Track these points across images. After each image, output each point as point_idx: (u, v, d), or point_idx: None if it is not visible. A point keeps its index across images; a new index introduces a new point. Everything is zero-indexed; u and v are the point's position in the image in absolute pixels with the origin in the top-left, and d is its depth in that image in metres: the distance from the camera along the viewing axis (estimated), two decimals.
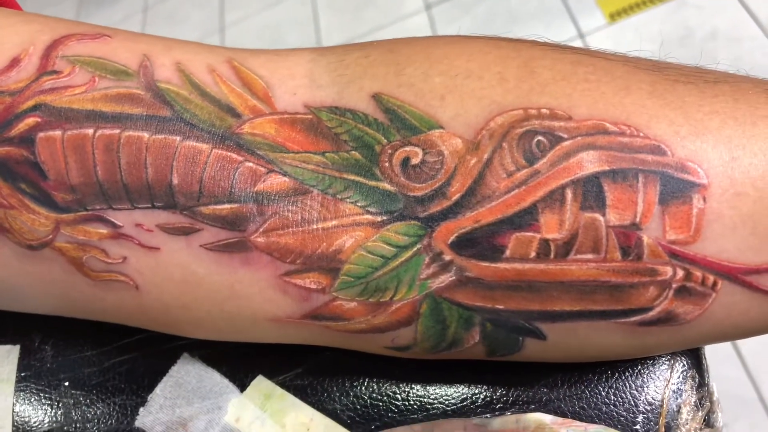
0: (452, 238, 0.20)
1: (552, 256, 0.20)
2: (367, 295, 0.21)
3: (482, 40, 0.23)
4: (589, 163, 0.20)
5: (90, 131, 0.21)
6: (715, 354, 1.04)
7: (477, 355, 0.23)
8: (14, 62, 0.21)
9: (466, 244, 0.20)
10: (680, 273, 0.20)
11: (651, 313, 0.20)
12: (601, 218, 0.20)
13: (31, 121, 0.21)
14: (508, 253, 0.20)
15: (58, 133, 0.21)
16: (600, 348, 0.22)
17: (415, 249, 0.20)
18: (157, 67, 0.22)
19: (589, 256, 0.20)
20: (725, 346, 1.08)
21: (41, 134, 0.21)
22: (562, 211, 0.20)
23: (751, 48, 1.31)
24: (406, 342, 0.22)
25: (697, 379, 0.25)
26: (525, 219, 0.20)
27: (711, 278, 0.20)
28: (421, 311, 0.21)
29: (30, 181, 0.21)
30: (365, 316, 0.21)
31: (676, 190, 0.20)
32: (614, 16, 1.43)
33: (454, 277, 0.20)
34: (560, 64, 0.22)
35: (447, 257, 0.20)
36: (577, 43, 1.45)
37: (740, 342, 1.07)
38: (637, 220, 0.20)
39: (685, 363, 0.25)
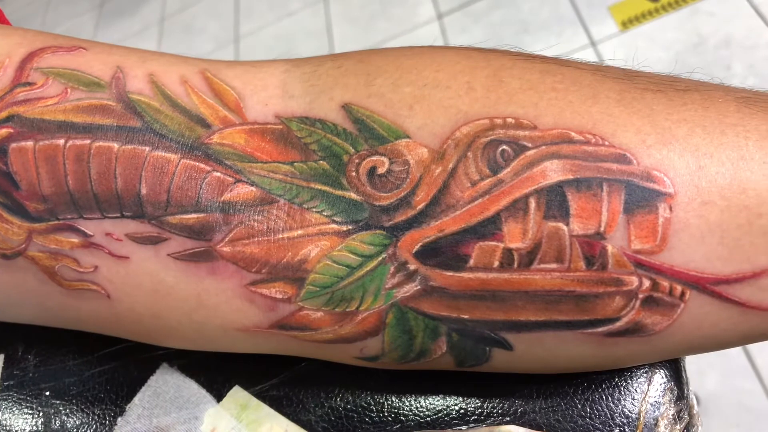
0: (417, 247, 0.20)
1: (515, 265, 0.20)
2: (333, 304, 0.21)
3: (453, 50, 0.23)
4: (553, 172, 0.20)
5: (61, 142, 0.21)
6: (728, 366, 1.02)
7: (446, 366, 0.23)
8: None
9: (430, 254, 0.20)
10: (647, 283, 0.20)
11: (618, 324, 0.20)
12: (565, 227, 0.20)
13: (3, 132, 0.21)
14: (471, 262, 0.20)
15: (30, 143, 0.21)
16: (568, 359, 0.22)
17: (380, 258, 0.20)
18: (129, 78, 0.22)
19: (553, 265, 0.20)
20: (740, 359, 1.06)
21: (14, 145, 0.21)
22: (526, 220, 0.20)
23: (765, 55, 1.30)
24: (375, 352, 0.22)
25: (675, 392, 0.25)
26: (488, 228, 0.20)
27: (679, 288, 0.20)
28: (387, 321, 0.21)
29: (2, 191, 0.21)
30: (332, 326, 0.21)
31: (642, 199, 0.19)
32: (626, 24, 1.42)
33: (419, 287, 0.20)
34: (529, 73, 0.22)
35: (412, 266, 0.20)
36: (590, 52, 1.44)
37: (755, 353, 1.06)
38: (602, 229, 0.19)
39: (664, 375, 0.25)
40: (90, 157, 0.21)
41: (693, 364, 1.10)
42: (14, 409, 0.27)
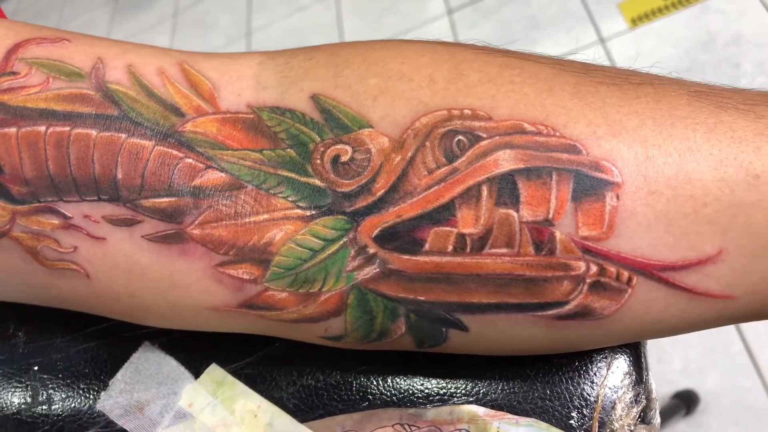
0: (376, 232, 0.21)
1: (468, 250, 0.21)
2: (296, 285, 0.22)
3: (419, 44, 0.24)
4: (505, 161, 0.21)
5: (42, 128, 0.22)
6: (730, 364, 1.02)
7: (407, 346, 0.24)
8: None
9: (388, 238, 0.21)
10: (594, 268, 0.21)
11: (567, 307, 0.21)
12: (515, 214, 0.20)
13: None
14: (427, 246, 0.21)
15: (13, 130, 0.22)
16: (522, 341, 0.23)
17: (341, 242, 0.21)
18: (109, 69, 0.23)
19: (504, 250, 0.21)
20: (742, 357, 1.06)
21: None
22: (478, 207, 0.21)
23: None
24: (338, 332, 0.23)
25: (634, 377, 0.26)
26: (443, 214, 0.21)
27: (626, 274, 0.21)
28: (348, 302, 0.22)
29: None
30: (296, 306, 0.22)
31: (590, 187, 0.20)
32: (636, 21, 1.41)
33: (378, 270, 0.21)
34: (489, 66, 0.23)
35: (371, 250, 0.21)
36: (598, 48, 1.44)
37: (757, 352, 1.06)
38: (550, 216, 0.20)
39: (624, 361, 0.26)
40: (69, 143, 0.22)
41: (694, 362, 1.10)
42: (4, 382, 0.29)
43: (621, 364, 0.26)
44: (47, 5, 2.64)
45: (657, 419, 0.25)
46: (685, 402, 1.04)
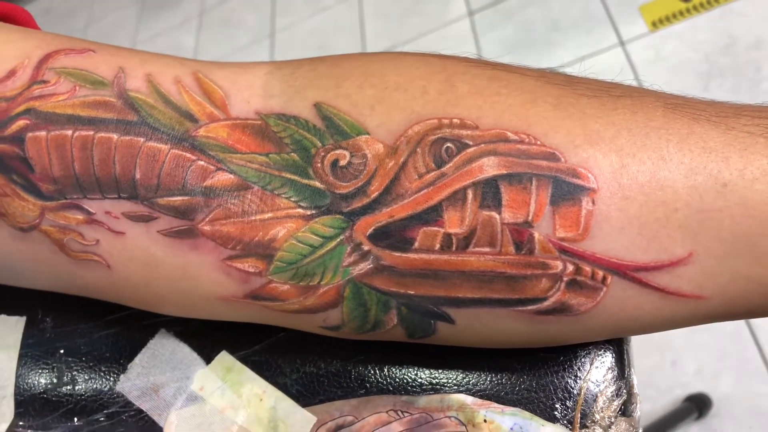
0: (370, 230, 0.23)
1: (454, 248, 0.22)
2: (297, 279, 0.24)
3: (414, 57, 0.26)
4: (489, 167, 0.22)
5: (69, 132, 0.24)
6: (744, 368, 1.02)
7: (400, 337, 0.25)
8: (11, 73, 0.25)
9: (381, 236, 0.23)
10: (570, 267, 0.22)
11: (545, 303, 0.23)
12: (497, 216, 0.22)
13: (22, 123, 0.25)
14: (416, 244, 0.23)
15: (43, 133, 0.24)
16: (505, 333, 0.24)
17: (338, 240, 0.23)
18: (130, 78, 0.25)
19: (486, 249, 0.22)
20: (756, 362, 1.06)
21: (30, 134, 0.25)
22: (464, 209, 0.22)
23: None
24: (336, 322, 0.25)
25: (617, 372, 0.27)
26: (431, 215, 0.23)
27: (600, 273, 0.22)
28: (345, 295, 0.24)
29: (20, 174, 0.25)
30: (297, 298, 0.24)
31: (567, 192, 0.22)
32: (656, 24, 1.41)
33: (371, 265, 0.23)
34: (478, 79, 0.24)
35: (365, 247, 0.23)
36: (618, 51, 1.44)
37: None
38: (530, 218, 0.22)
39: (608, 357, 0.27)
40: (93, 146, 0.24)
41: (708, 366, 1.10)
42: (32, 364, 0.31)
43: (604, 360, 0.27)
44: (78, 3, 2.69)
45: (637, 413, 0.27)
46: (697, 405, 1.04)
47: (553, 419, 0.26)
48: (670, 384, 1.10)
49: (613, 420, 0.26)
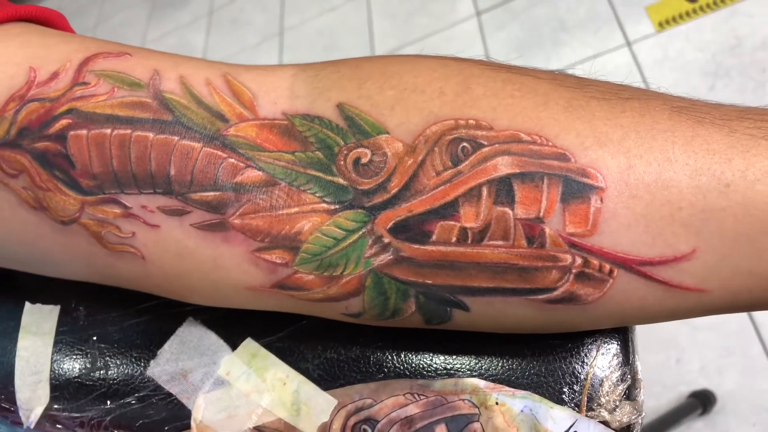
0: (390, 224, 0.25)
1: (469, 241, 0.24)
2: (322, 269, 0.26)
3: (432, 59, 0.27)
4: (503, 166, 0.24)
5: (108, 131, 0.26)
6: (748, 365, 1.03)
7: (417, 324, 0.27)
8: (54, 75, 0.27)
9: (401, 230, 0.25)
10: (579, 260, 0.24)
11: (555, 293, 0.24)
12: (510, 212, 0.24)
13: (64, 122, 0.26)
14: (434, 237, 0.24)
15: (84, 132, 0.26)
16: (516, 320, 0.26)
17: (360, 233, 0.25)
18: (164, 80, 0.27)
19: (500, 242, 0.24)
20: (761, 360, 1.07)
21: (71, 132, 0.26)
22: (479, 205, 0.24)
23: None
24: (357, 310, 0.27)
25: (622, 359, 0.29)
26: (448, 210, 0.24)
27: (607, 266, 0.24)
28: (366, 284, 0.26)
29: (62, 170, 0.26)
30: (321, 287, 0.26)
31: (576, 191, 0.23)
32: (663, 25, 1.42)
33: (391, 257, 0.25)
34: (493, 81, 0.26)
35: (386, 240, 0.25)
36: (625, 51, 1.45)
37: None
38: (541, 214, 0.24)
39: (614, 344, 0.29)
40: (131, 144, 0.26)
41: (713, 363, 1.11)
42: (67, 350, 0.33)
43: (610, 347, 0.29)
44: (88, 2, 2.72)
45: (641, 397, 0.28)
46: (701, 401, 1.05)
47: (561, 402, 0.28)
48: (675, 381, 1.11)
49: (618, 403, 0.28)
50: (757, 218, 0.22)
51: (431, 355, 0.29)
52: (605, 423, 0.28)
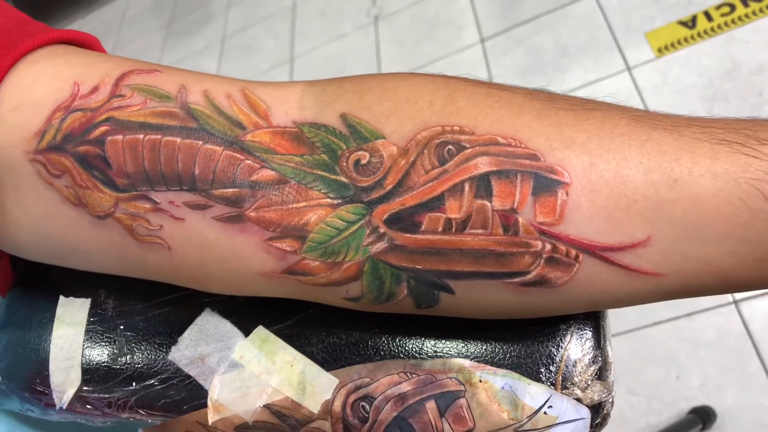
0: (386, 216, 0.28)
1: (453, 230, 0.28)
2: (326, 256, 0.29)
3: (424, 76, 0.31)
4: (483, 165, 0.28)
5: (141, 136, 0.30)
6: (747, 382, 1.05)
7: (409, 309, 0.30)
8: (95, 89, 0.31)
9: (395, 221, 0.28)
10: (548, 246, 0.27)
11: (528, 276, 0.28)
12: (489, 204, 0.27)
13: (103, 128, 0.30)
14: (423, 227, 0.28)
15: (120, 137, 0.30)
16: (496, 303, 0.29)
17: (360, 224, 0.29)
18: (190, 93, 0.31)
19: (480, 231, 0.27)
20: (759, 375, 1.09)
21: (109, 138, 0.30)
22: (462, 198, 0.28)
23: None
24: (356, 294, 0.30)
25: (593, 342, 0.32)
26: (435, 203, 0.28)
27: (573, 252, 0.27)
28: (364, 269, 0.29)
29: (100, 170, 0.30)
30: (325, 273, 0.30)
31: (546, 186, 0.27)
32: (662, 50, 1.47)
33: (386, 245, 0.28)
34: (474, 95, 0.30)
35: (382, 230, 0.28)
36: (625, 76, 1.49)
37: None
38: (515, 206, 0.27)
39: (587, 330, 0.32)
40: (160, 147, 0.30)
41: (712, 380, 1.13)
42: (96, 338, 0.37)
43: (583, 332, 0.32)
44: (106, 30, 2.80)
45: (611, 378, 0.32)
46: (701, 417, 1.07)
47: (538, 380, 0.31)
48: (675, 397, 1.13)
49: (589, 383, 0.31)
50: (702, 209, 0.26)
51: (422, 339, 0.33)
52: (578, 400, 0.31)
